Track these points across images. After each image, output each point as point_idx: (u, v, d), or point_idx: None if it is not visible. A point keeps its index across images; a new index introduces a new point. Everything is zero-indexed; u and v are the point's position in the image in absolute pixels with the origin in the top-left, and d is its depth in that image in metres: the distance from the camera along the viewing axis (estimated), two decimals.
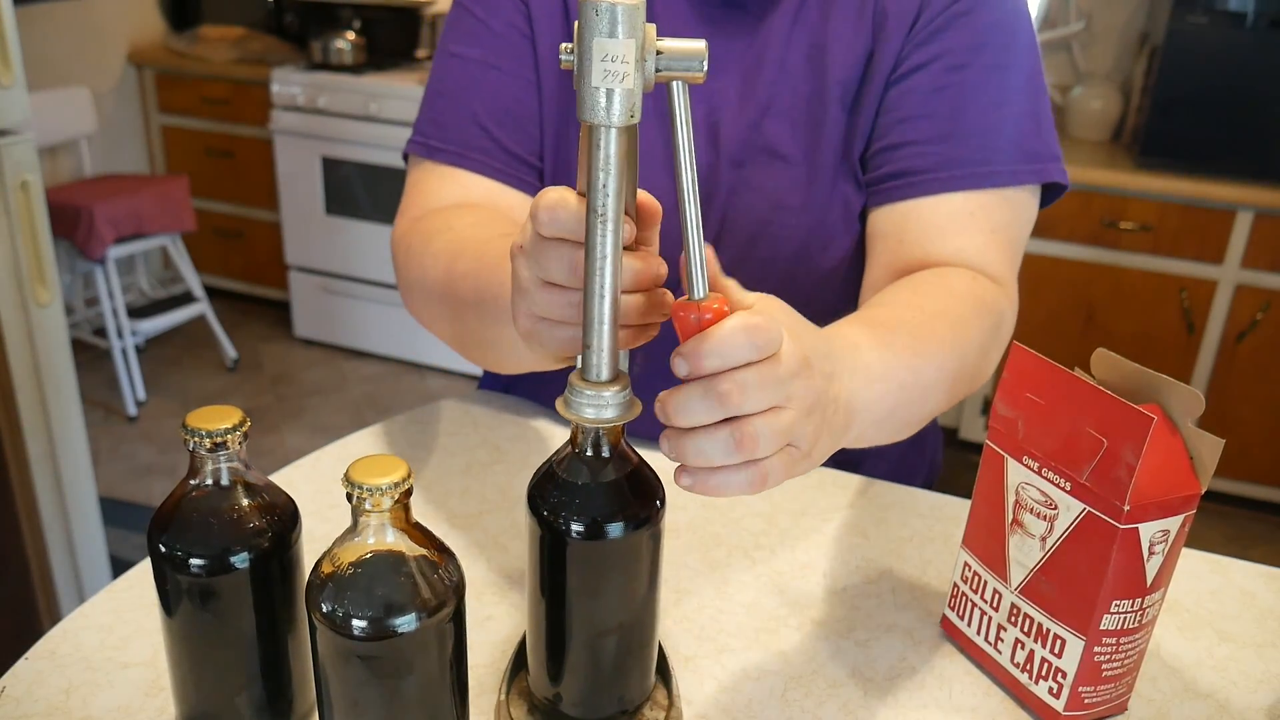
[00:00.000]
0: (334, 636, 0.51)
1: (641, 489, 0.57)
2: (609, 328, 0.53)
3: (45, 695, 0.65)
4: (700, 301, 0.51)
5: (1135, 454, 0.58)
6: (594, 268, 0.52)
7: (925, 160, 0.83)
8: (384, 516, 0.52)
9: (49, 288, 1.77)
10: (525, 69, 0.90)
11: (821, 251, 0.89)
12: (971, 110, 0.83)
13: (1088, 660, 0.63)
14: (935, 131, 0.83)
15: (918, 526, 0.87)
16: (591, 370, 0.54)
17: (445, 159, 0.90)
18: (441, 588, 0.53)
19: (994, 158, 0.82)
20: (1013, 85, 0.83)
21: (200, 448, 0.55)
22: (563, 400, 0.55)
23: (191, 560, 0.55)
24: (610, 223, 0.51)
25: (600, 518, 0.56)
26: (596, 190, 0.51)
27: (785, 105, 0.87)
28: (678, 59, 0.52)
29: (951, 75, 0.83)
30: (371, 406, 3.23)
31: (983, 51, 0.83)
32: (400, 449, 0.96)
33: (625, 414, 0.54)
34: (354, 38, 3.39)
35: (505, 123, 0.90)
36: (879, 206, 0.86)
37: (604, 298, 0.52)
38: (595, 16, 0.49)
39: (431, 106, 0.93)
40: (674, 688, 0.65)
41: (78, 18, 3.42)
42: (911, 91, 0.84)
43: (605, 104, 0.50)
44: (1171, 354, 2.66)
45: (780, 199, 0.88)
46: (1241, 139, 2.53)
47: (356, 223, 3.37)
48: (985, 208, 0.83)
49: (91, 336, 3.31)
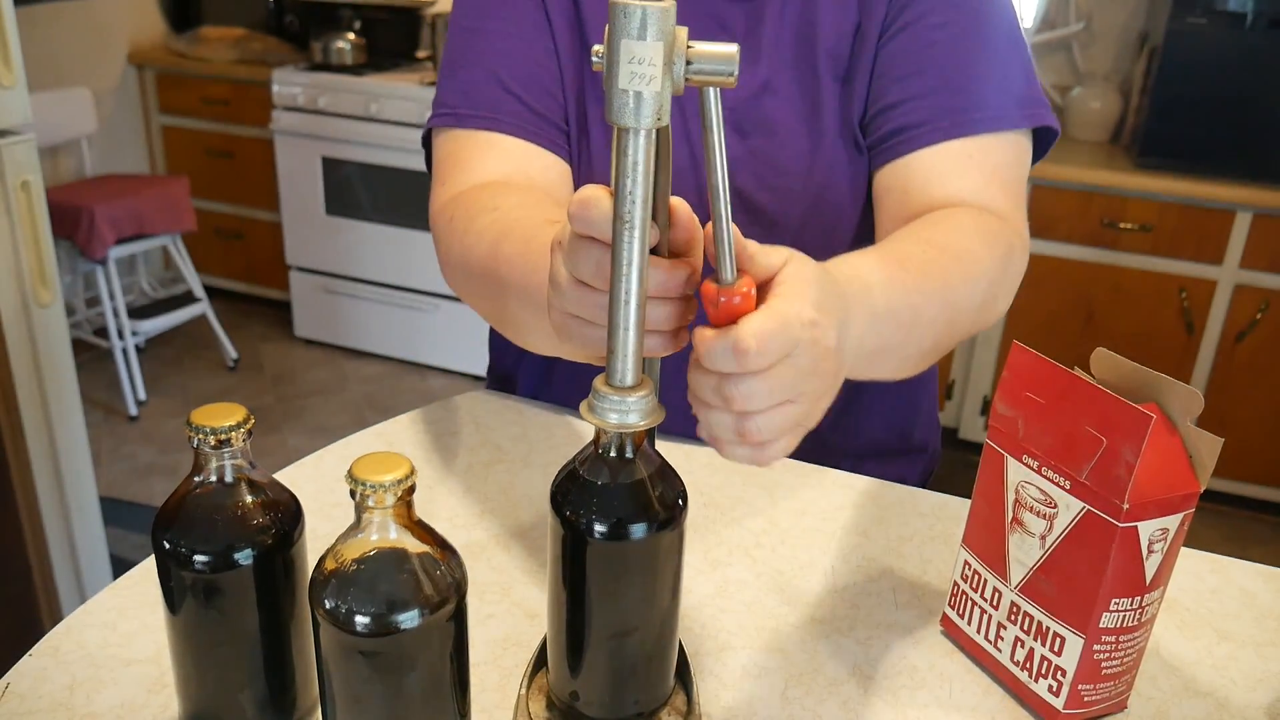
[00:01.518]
0: (337, 633, 0.52)
1: (663, 491, 0.57)
2: (633, 333, 0.53)
3: (49, 692, 0.65)
4: (729, 286, 0.52)
5: (1134, 453, 0.58)
6: (619, 273, 0.51)
7: (920, 114, 0.85)
8: (387, 513, 0.52)
9: (50, 288, 1.77)
10: (543, 35, 0.90)
11: (829, 219, 0.91)
12: (959, 63, 0.86)
13: (1087, 658, 0.63)
14: (926, 86, 0.86)
15: (918, 526, 0.87)
16: (615, 375, 0.53)
17: (478, 124, 0.88)
18: (444, 584, 0.53)
19: (985, 103, 0.85)
20: (995, 37, 0.87)
21: (205, 445, 0.55)
22: (586, 404, 0.55)
23: (195, 557, 0.55)
24: (636, 229, 0.51)
25: (622, 519, 0.56)
26: (623, 195, 0.51)
27: (782, 81, 0.90)
28: (708, 62, 0.51)
29: (936, 33, 0.86)
30: (372, 406, 3.23)
31: (962, 8, 0.86)
32: (402, 449, 0.96)
33: (649, 419, 0.54)
34: (354, 38, 3.40)
35: (531, 87, 0.89)
36: (882, 166, 0.88)
37: (628, 303, 0.52)
38: (624, 18, 0.49)
39: (454, 78, 0.91)
40: (694, 694, 0.65)
41: (78, 18, 3.42)
42: (900, 52, 0.87)
43: (633, 106, 0.50)
44: (1171, 354, 2.66)
45: (785, 168, 0.90)
46: (1241, 139, 2.54)
47: (357, 223, 3.37)
48: (983, 149, 0.85)
49: (92, 336, 3.32)
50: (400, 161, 3.21)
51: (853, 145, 0.90)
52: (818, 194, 0.91)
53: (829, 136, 0.90)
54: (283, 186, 3.44)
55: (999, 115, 0.85)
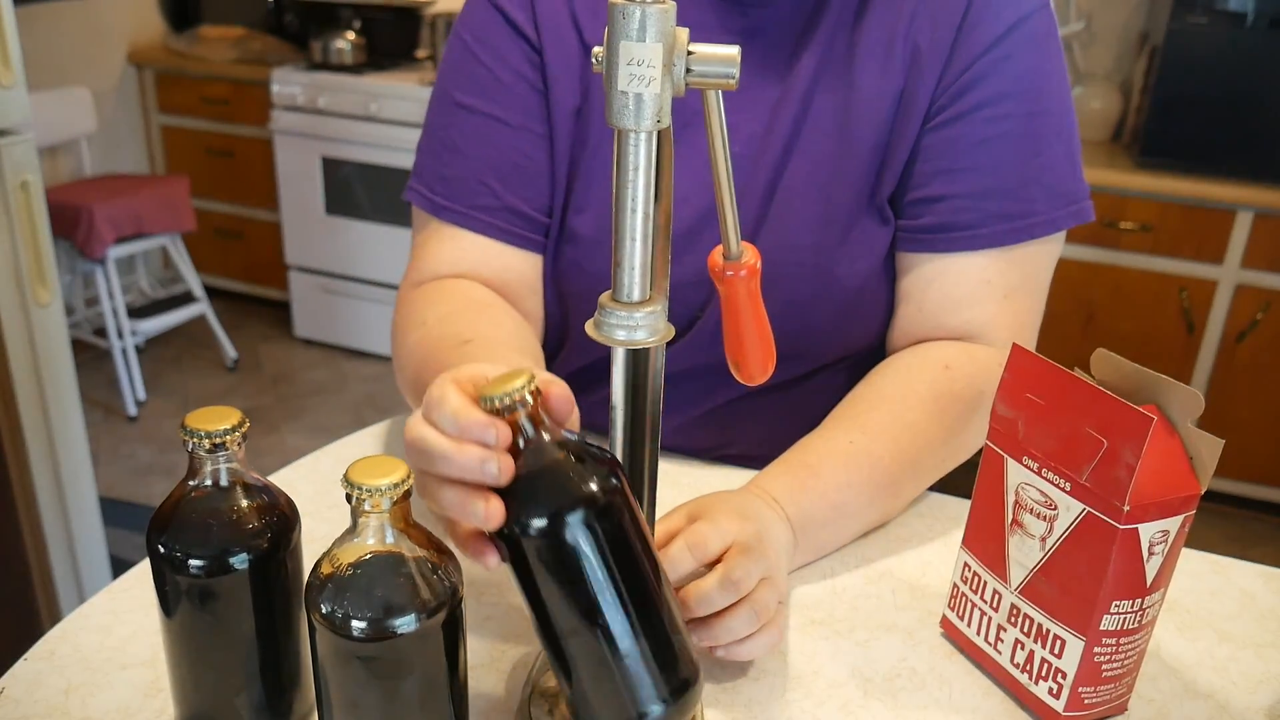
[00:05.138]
0: (333, 637, 0.51)
1: (589, 469, 0.51)
2: (640, 244, 0.52)
3: (45, 696, 0.65)
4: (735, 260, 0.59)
5: (1135, 454, 0.58)
6: (625, 179, 0.51)
7: (966, 215, 0.85)
8: (383, 517, 0.52)
9: (49, 288, 1.77)
10: (535, 121, 0.89)
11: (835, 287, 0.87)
12: (1013, 163, 0.84)
13: (1088, 661, 0.63)
14: (978, 186, 0.84)
15: (918, 526, 0.87)
16: (622, 289, 0.53)
17: (450, 218, 0.90)
18: (441, 588, 0.53)
19: (1034, 210, 0.85)
20: (1051, 130, 0.85)
21: (199, 448, 0.55)
22: (593, 322, 0.54)
23: (190, 561, 0.55)
24: (644, 135, 0.51)
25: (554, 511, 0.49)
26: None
27: (807, 144, 0.86)
28: (709, 64, 0.50)
29: (993, 126, 0.84)
30: (371, 406, 3.23)
31: (1022, 99, 0.84)
32: (400, 449, 0.96)
33: (657, 336, 0.53)
34: (354, 38, 3.39)
35: (512, 180, 0.89)
36: (912, 254, 0.87)
37: (634, 211, 0.51)
38: (623, 19, 0.48)
39: (438, 159, 0.91)
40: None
41: (78, 18, 3.42)
42: (954, 142, 0.84)
43: (633, 108, 0.49)
44: (1171, 354, 2.66)
45: (790, 239, 0.86)
46: (1241, 139, 2.53)
47: (357, 223, 3.37)
48: (1003, 273, 0.86)
49: (91, 336, 3.31)
50: (400, 161, 3.21)
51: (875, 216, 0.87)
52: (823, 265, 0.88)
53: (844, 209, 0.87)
54: (282, 186, 3.44)
55: (1047, 220, 0.85)
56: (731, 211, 0.57)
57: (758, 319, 0.64)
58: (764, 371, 0.66)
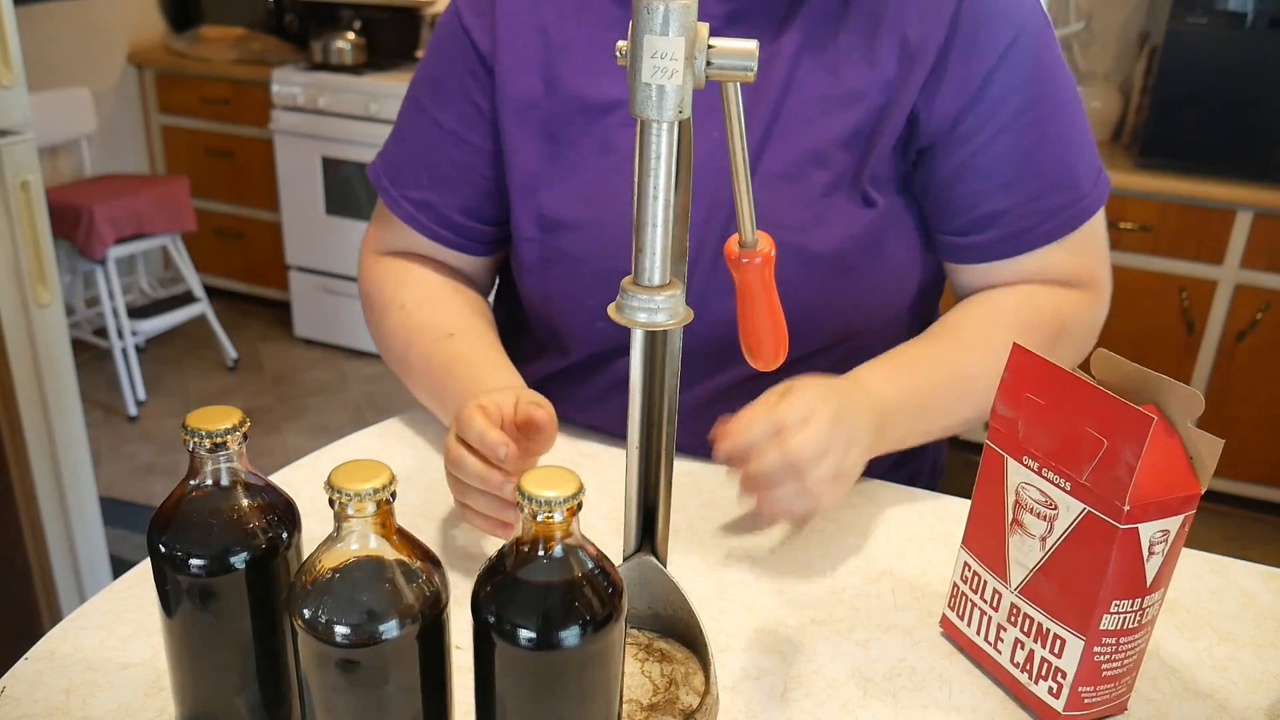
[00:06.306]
0: (315, 643, 0.51)
1: (596, 592, 0.50)
2: (661, 230, 0.53)
3: (45, 695, 0.65)
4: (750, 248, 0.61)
5: (1135, 454, 0.58)
6: (647, 168, 0.53)
7: (1028, 220, 0.88)
8: (366, 522, 0.51)
9: (49, 288, 1.77)
10: (472, 132, 0.93)
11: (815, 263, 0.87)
12: (1052, 160, 0.88)
13: (1087, 660, 0.63)
14: (1032, 190, 0.88)
15: (918, 526, 0.87)
16: (644, 274, 0.54)
17: (396, 212, 0.97)
18: (424, 595, 0.52)
19: (1080, 192, 0.89)
20: (1069, 110, 0.89)
21: (200, 448, 0.55)
22: (615, 305, 0.55)
23: (191, 561, 0.55)
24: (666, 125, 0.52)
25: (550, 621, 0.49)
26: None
27: (786, 128, 0.86)
28: (728, 58, 0.53)
29: (1032, 132, 0.87)
30: (371, 406, 3.23)
31: (1046, 95, 0.87)
32: (400, 449, 0.96)
33: (677, 319, 0.54)
34: (354, 38, 3.39)
35: (442, 185, 0.95)
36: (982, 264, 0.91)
37: (656, 198, 0.53)
38: (647, 14, 0.50)
39: (399, 145, 0.98)
40: (712, 674, 0.65)
41: (78, 18, 3.42)
42: (1000, 157, 0.87)
43: (656, 100, 0.51)
44: (1171, 354, 2.66)
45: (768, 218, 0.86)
46: (1241, 139, 2.53)
47: (357, 223, 3.37)
48: (1072, 252, 0.91)
49: (92, 336, 3.31)
50: None
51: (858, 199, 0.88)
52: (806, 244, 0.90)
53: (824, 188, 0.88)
54: (282, 186, 3.44)
55: (1094, 198, 0.89)
56: (748, 200, 0.59)
57: (771, 306, 0.65)
58: (777, 358, 0.68)
